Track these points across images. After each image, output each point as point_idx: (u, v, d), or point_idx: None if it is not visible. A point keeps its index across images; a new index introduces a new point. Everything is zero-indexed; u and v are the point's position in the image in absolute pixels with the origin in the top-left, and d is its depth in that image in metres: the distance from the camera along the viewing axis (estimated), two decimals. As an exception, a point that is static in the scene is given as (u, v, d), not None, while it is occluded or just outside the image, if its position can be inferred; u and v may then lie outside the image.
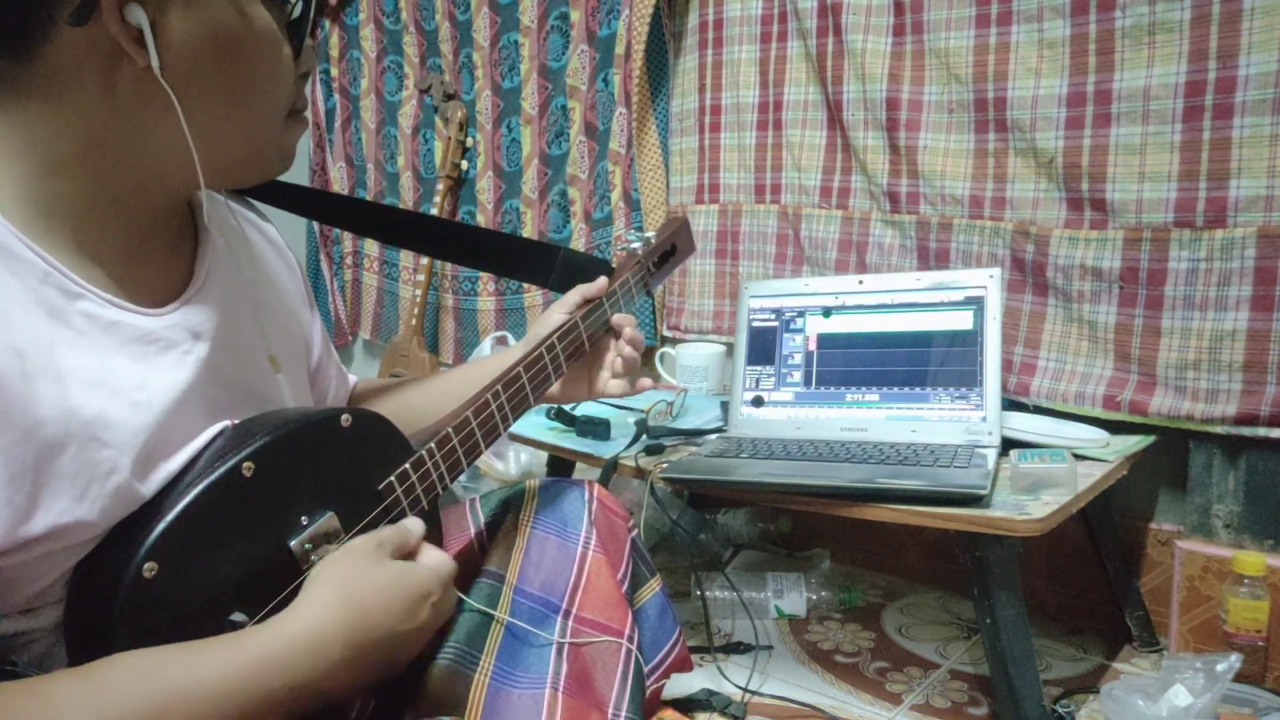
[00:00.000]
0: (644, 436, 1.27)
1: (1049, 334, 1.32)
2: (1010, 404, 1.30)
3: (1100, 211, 1.25)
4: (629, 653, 0.80)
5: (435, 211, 2.08)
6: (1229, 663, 0.98)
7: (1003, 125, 1.32)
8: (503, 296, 2.09)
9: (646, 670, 0.86)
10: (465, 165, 2.13)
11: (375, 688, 0.68)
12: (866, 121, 1.46)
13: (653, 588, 0.93)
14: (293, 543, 0.64)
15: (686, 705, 1.12)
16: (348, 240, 2.44)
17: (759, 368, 1.33)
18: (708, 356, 1.59)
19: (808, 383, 1.30)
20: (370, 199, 2.32)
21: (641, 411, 1.33)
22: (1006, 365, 1.33)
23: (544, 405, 1.37)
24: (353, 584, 0.63)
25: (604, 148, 1.82)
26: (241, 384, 0.70)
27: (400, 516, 0.72)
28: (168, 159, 0.61)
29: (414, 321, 2.16)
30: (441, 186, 2.10)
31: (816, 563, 1.57)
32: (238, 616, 0.60)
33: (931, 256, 1.42)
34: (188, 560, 0.58)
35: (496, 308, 2.11)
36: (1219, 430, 1.17)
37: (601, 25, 1.79)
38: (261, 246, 0.81)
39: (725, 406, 1.38)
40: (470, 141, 2.10)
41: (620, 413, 1.42)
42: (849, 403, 1.26)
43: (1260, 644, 1.11)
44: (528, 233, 2.02)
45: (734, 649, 1.29)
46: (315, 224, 2.46)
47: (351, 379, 0.96)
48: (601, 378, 0.99)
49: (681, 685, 1.13)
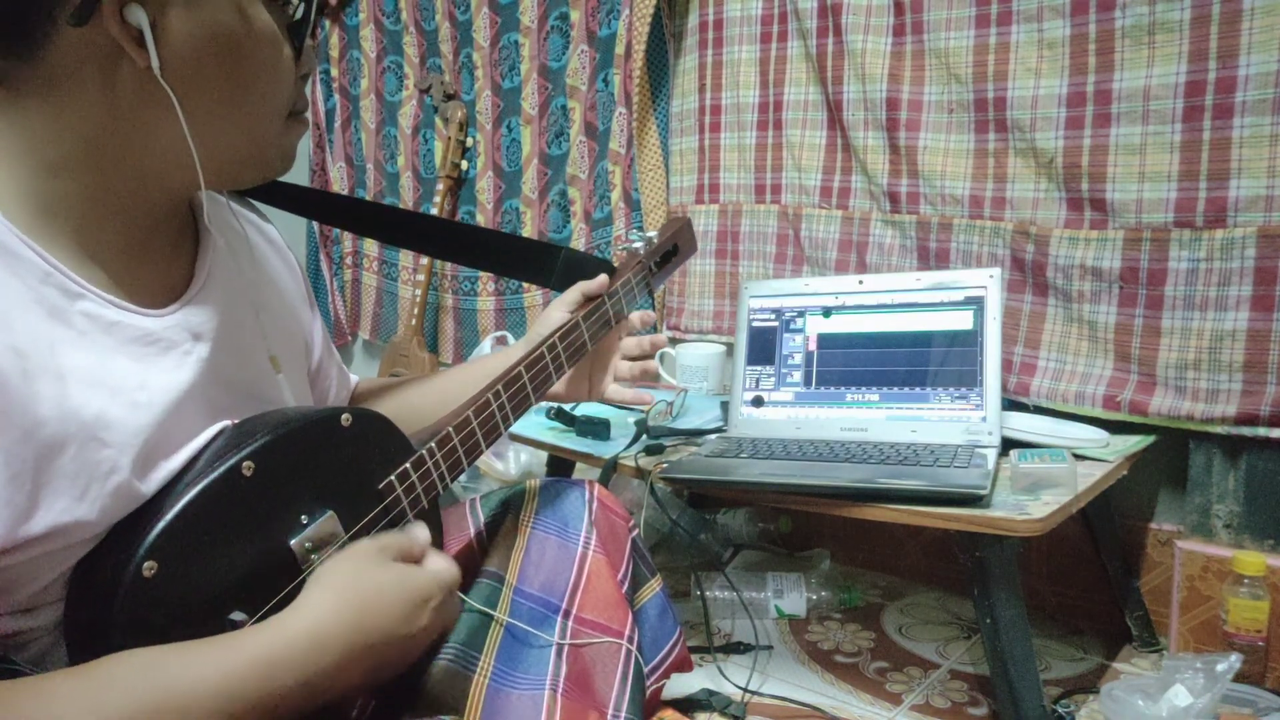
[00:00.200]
0: (644, 436, 1.27)
1: (1049, 334, 1.32)
2: (1010, 404, 1.30)
3: (1100, 211, 1.25)
4: (629, 653, 0.80)
5: (435, 211, 2.08)
6: (1229, 663, 0.98)
7: (1003, 125, 1.32)
8: (502, 296, 2.09)
9: (646, 670, 0.86)
10: (465, 165, 2.13)
11: (375, 689, 0.68)
12: (866, 121, 1.46)
13: (653, 588, 0.93)
14: (292, 542, 0.64)
15: (686, 705, 1.12)
16: (347, 240, 2.43)
17: (759, 368, 1.33)
18: (708, 356, 1.59)
19: (808, 383, 1.30)
20: (370, 199, 2.32)
21: (641, 411, 1.33)
22: (1006, 365, 1.33)
23: (544, 405, 1.38)
24: (353, 585, 0.63)
25: (604, 148, 1.82)
26: (242, 384, 0.70)
27: (400, 516, 0.72)
28: (168, 159, 0.61)
29: (414, 321, 2.16)
30: (441, 186, 2.10)
31: (816, 563, 1.57)
32: (237, 616, 0.60)
33: (931, 256, 1.42)
34: (187, 559, 0.58)
35: (496, 307, 2.11)
36: (1219, 430, 1.17)
37: (601, 25, 1.79)
38: (262, 247, 0.81)
39: (725, 406, 1.38)
40: (470, 141, 2.10)
41: (620, 413, 1.42)
42: (849, 403, 1.27)
43: (1260, 644, 1.11)
44: (527, 233, 2.02)
45: (734, 649, 1.29)
46: (315, 224, 2.47)
47: (353, 379, 0.96)
48: (605, 381, 0.99)
49: (681, 685, 1.13)
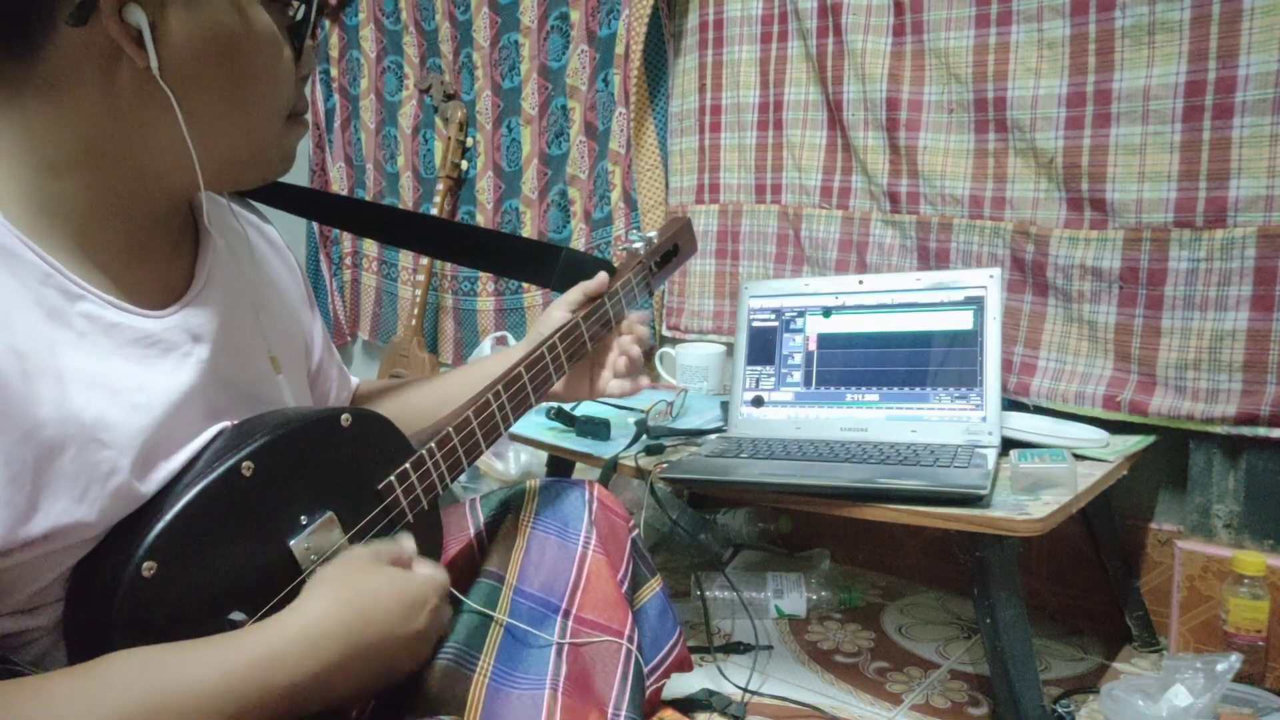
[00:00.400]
0: (644, 436, 1.27)
1: (1049, 334, 1.32)
2: (1010, 404, 1.30)
3: (1100, 211, 1.25)
4: (629, 653, 0.80)
5: (435, 211, 2.08)
6: (1229, 663, 0.98)
7: (1003, 125, 1.32)
8: (502, 296, 2.09)
9: (646, 670, 0.86)
10: (465, 165, 2.12)
11: (374, 692, 0.68)
12: (866, 121, 1.46)
13: (653, 588, 0.93)
14: (292, 542, 0.64)
15: (686, 705, 1.12)
16: (347, 240, 2.43)
17: (759, 368, 1.33)
18: (708, 356, 1.59)
19: (808, 383, 1.30)
20: (370, 199, 2.32)
21: (641, 411, 1.33)
22: (1006, 365, 1.33)
23: (544, 405, 1.38)
24: (352, 586, 0.63)
25: (604, 148, 1.82)
26: (242, 385, 0.70)
27: (400, 516, 0.73)
28: (168, 160, 0.61)
29: (414, 322, 2.16)
30: (441, 186, 2.10)
31: (816, 563, 1.57)
32: (237, 616, 0.60)
33: (931, 256, 1.42)
34: (187, 559, 0.58)
35: (496, 308, 2.11)
36: (1219, 430, 1.17)
37: (601, 25, 1.79)
38: (262, 248, 0.81)
39: (725, 406, 1.38)
40: (470, 141, 2.10)
41: (620, 413, 1.42)
42: (849, 403, 1.26)
43: (1260, 644, 1.11)
44: (527, 233, 2.02)
45: (734, 649, 1.29)
46: (315, 224, 2.46)
47: (353, 380, 0.96)
48: (603, 377, 0.99)
49: (681, 685, 1.13)
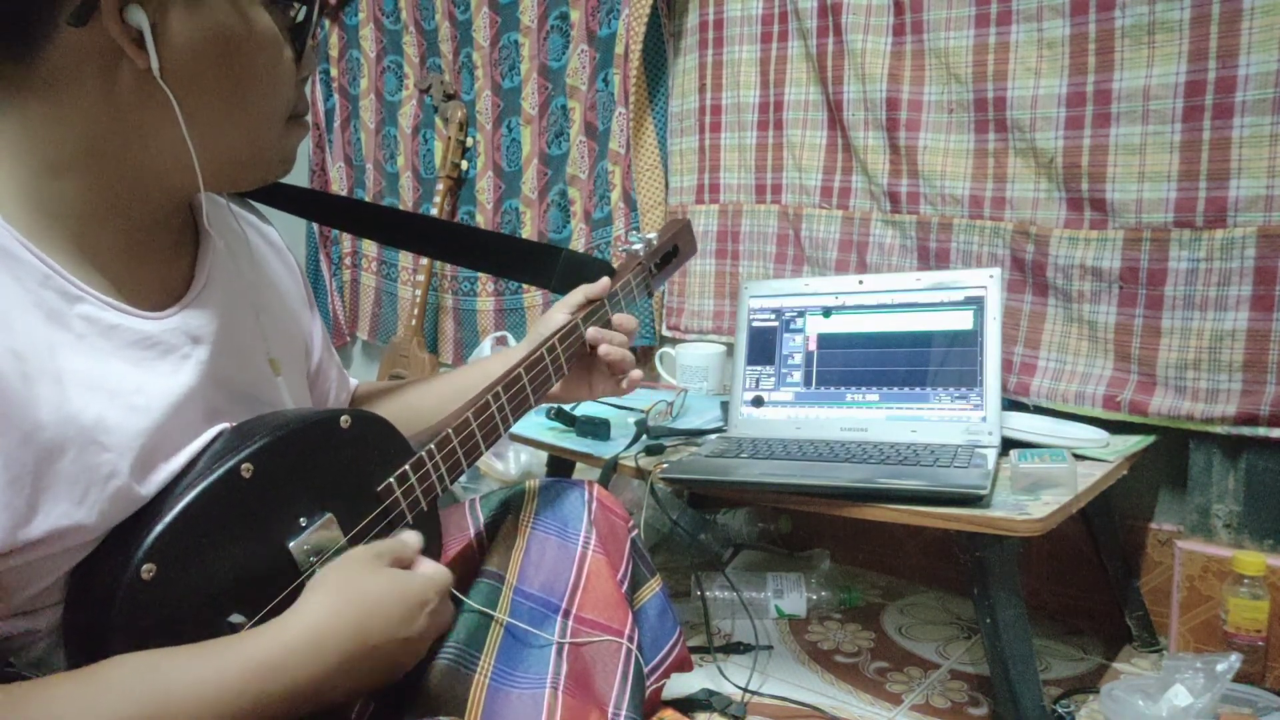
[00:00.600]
0: (644, 436, 1.27)
1: (1049, 334, 1.32)
2: (1010, 404, 1.30)
3: (1100, 211, 1.25)
4: (629, 653, 0.80)
5: (435, 212, 2.08)
6: (1229, 663, 0.98)
7: (1003, 125, 1.32)
8: (502, 297, 2.09)
9: (646, 670, 0.86)
10: (465, 165, 2.12)
11: (374, 693, 0.68)
12: (866, 121, 1.46)
13: (653, 588, 0.93)
14: (291, 544, 0.64)
15: (686, 705, 1.12)
16: (346, 241, 2.43)
17: (759, 368, 1.33)
18: (708, 356, 1.59)
19: (808, 383, 1.30)
20: (370, 199, 2.32)
21: (641, 411, 1.33)
22: (1006, 365, 1.33)
23: (544, 405, 1.37)
24: (352, 589, 0.63)
25: (604, 148, 1.82)
26: (241, 386, 0.70)
27: (399, 518, 0.72)
28: (168, 161, 0.61)
29: (414, 322, 2.16)
30: (441, 186, 2.10)
31: (816, 563, 1.57)
32: (236, 618, 0.60)
33: (931, 256, 1.42)
34: (186, 562, 0.58)
35: (496, 308, 2.10)
36: (1219, 430, 1.17)
37: (601, 25, 1.79)
38: (262, 249, 0.81)
39: (725, 406, 1.38)
40: (470, 141, 2.10)
41: (620, 413, 1.42)
42: (849, 403, 1.26)
43: (1260, 644, 1.11)
44: (527, 233, 2.02)
45: (734, 649, 1.29)
46: (314, 225, 2.46)
47: (352, 382, 0.96)
48: (603, 380, 0.99)
49: (681, 685, 1.13)
